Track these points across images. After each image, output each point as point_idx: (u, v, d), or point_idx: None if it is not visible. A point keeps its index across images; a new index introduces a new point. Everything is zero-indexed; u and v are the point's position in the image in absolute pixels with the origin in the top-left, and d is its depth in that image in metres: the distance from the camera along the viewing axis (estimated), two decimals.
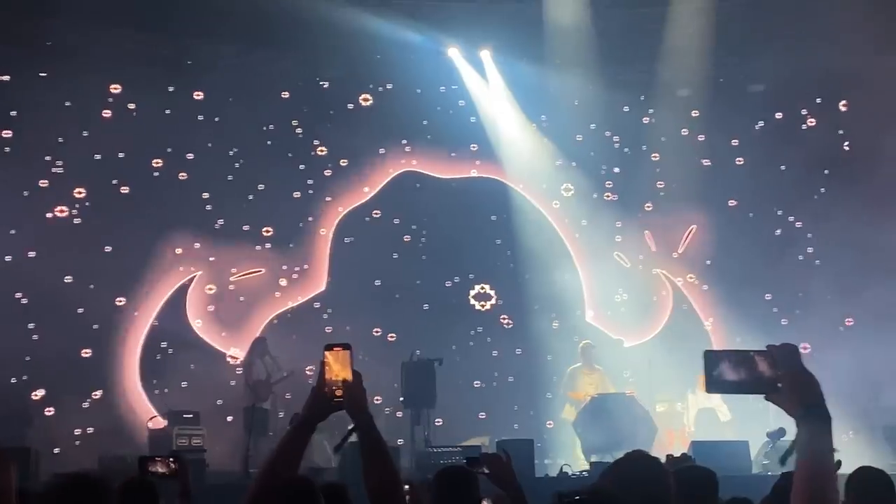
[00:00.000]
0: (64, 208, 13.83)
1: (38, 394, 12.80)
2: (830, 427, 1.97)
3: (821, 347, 12.73)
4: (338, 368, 2.55)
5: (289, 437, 2.75)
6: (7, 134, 13.32)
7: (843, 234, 13.42)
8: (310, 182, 14.74)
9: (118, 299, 13.72)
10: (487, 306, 15.02)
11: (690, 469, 4.00)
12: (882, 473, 3.98)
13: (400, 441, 11.74)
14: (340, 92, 14.89)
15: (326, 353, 2.58)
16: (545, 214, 15.23)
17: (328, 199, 14.81)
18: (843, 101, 14.29)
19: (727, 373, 2.12)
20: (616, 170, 15.28)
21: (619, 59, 14.51)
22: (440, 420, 12.60)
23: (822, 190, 14.45)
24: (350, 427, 2.62)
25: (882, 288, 12.52)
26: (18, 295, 12.84)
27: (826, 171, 14.39)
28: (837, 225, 13.54)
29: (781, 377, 2.03)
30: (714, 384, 2.11)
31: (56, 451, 11.89)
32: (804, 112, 14.93)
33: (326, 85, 14.79)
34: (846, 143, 14.02)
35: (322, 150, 14.93)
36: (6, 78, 13.41)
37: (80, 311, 13.10)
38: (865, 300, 12.85)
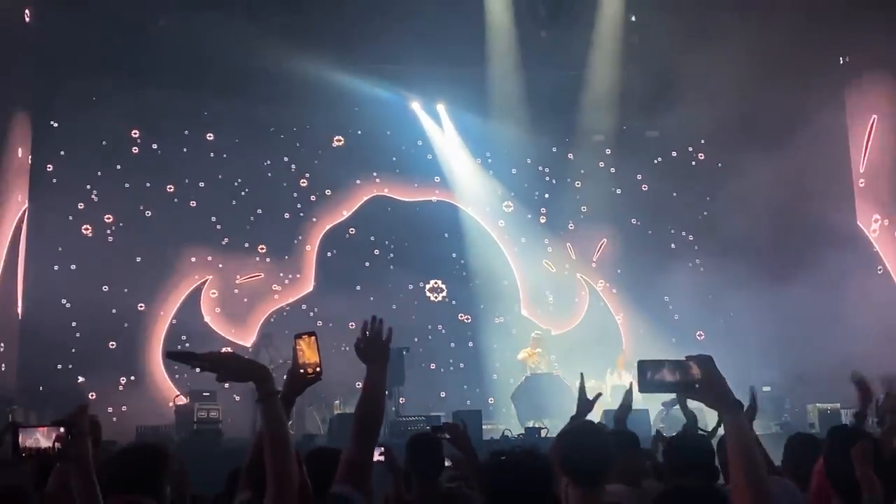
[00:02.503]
0: (100, 228, 14.73)
1: (81, 379, 13.73)
2: (742, 410, 2.22)
3: (710, 336, 14.80)
4: (308, 352, 2.61)
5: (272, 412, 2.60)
6: (53, 167, 14.34)
7: (722, 247, 14.74)
8: (299, 206, 15.64)
9: (143, 303, 14.62)
10: (439, 298, 15.91)
11: (684, 438, 3.89)
12: (812, 437, 4.11)
13: None
14: (324, 135, 15.77)
15: (297, 340, 2.63)
16: (490, 232, 16.22)
17: (314, 219, 15.74)
18: (722, 141, 15.36)
19: (655, 377, 2.23)
20: (546, 196, 16.44)
21: (547, 110, 15.44)
22: (406, 398, 13.26)
23: (704, 213, 15.70)
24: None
25: (749, 289, 13.70)
26: (64, 301, 13.62)
27: (708, 197, 15.51)
28: (718, 238, 14.92)
29: (701, 381, 2.17)
30: (646, 385, 2.23)
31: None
32: (691, 149, 16.28)
33: (313, 129, 15.73)
34: (724, 172, 15.04)
35: (308, 181, 15.96)
36: (55, 124, 14.29)
37: (114, 311, 14.05)
38: (739, 298, 13.90)
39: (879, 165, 14.47)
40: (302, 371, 2.68)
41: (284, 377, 2.84)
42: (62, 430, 2.89)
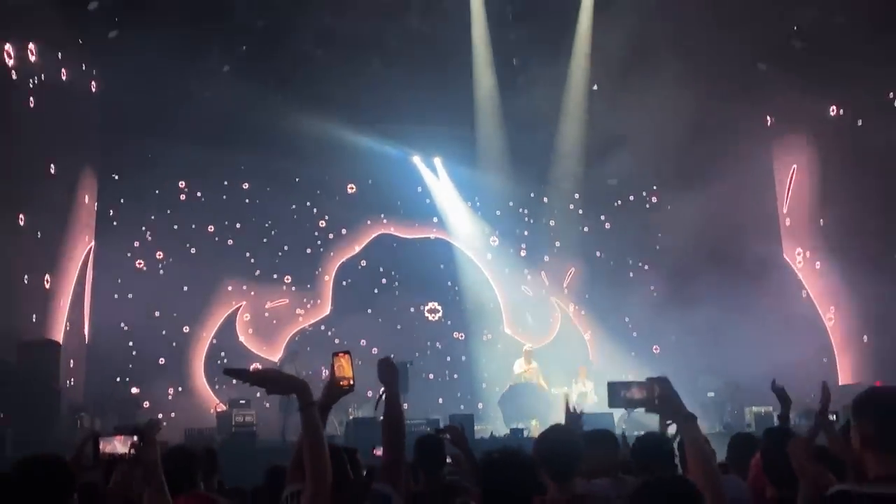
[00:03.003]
0: (153, 263, 15.06)
1: (136, 390, 13.97)
2: (697, 422, 2.30)
3: (664, 350, 15.15)
4: (345, 368, 2.65)
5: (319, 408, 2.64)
6: (114, 213, 14.69)
7: (672, 274, 15.13)
8: (318, 243, 15.98)
9: (188, 325, 14.82)
10: (436, 318, 16.04)
11: (649, 438, 3.76)
12: (750, 436, 4.01)
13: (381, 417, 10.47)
14: (340, 183, 16.17)
15: (335, 357, 2.66)
16: (478, 263, 16.55)
17: (331, 254, 16.01)
18: (671, 186, 15.79)
19: (625, 395, 2.32)
20: (525, 233, 16.87)
21: (525, 162, 15.88)
22: (410, 404, 12.89)
23: (657, 247, 16.06)
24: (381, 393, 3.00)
25: (695, 311, 13.84)
26: (122, 325, 13.89)
27: (659, 234, 15.92)
28: (669, 267, 15.30)
29: (659, 398, 2.25)
30: (617, 402, 2.32)
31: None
32: (644, 193, 16.63)
33: (330, 179, 16.14)
34: (673, 212, 15.34)
35: (326, 222, 16.43)
36: (116, 177, 14.75)
37: (164, 333, 14.28)
38: (686, 318, 14.04)
39: (799, 207, 15.03)
40: (339, 384, 2.69)
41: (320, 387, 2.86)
42: (135, 438, 2.88)
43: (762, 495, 3.40)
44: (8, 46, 10.76)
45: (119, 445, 2.97)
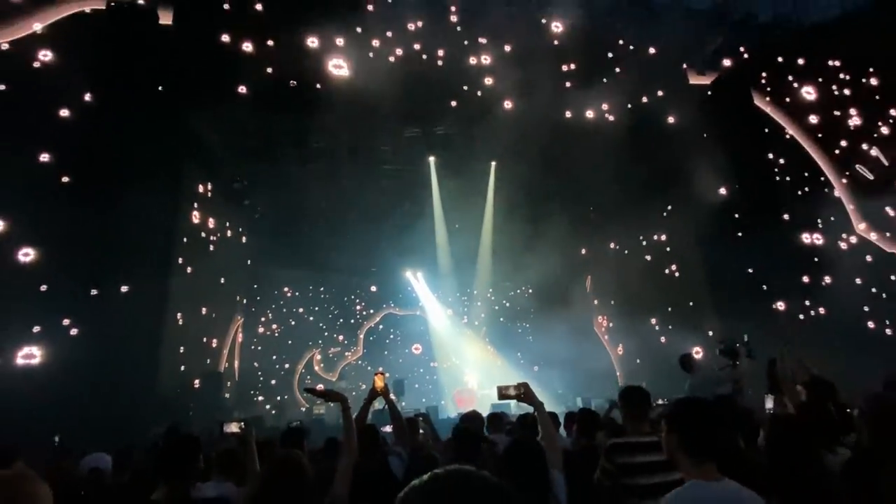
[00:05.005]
0: (271, 331, 15.50)
1: (261, 398, 14.94)
2: (544, 406, 2.54)
3: (541, 369, 14.63)
4: (381, 379, 2.98)
5: (363, 407, 2.99)
6: (254, 309, 15.24)
7: (538, 330, 15.01)
8: (358, 318, 17.15)
9: (289, 364, 15.47)
10: (419, 352, 16.49)
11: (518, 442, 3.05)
12: (640, 388, 3.11)
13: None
14: (368, 286, 17.15)
15: (376, 375, 2.97)
16: (440, 325, 16.85)
17: (364, 323, 17.29)
18: (538, 290, 16.26)
19: (507, 392, 2.53)
20: (465, 309, 17.50)
21: (464, 272, 16.05)
22: (405, 402, 13.07)
23: (532, 314, 16.70)
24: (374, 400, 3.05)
25: (550, 353, 14.16)
26: (255, 364, 15.04)
27: (531, 318, 16.51)
28: (539, 328, 15.35)
29: (524, 393, 2.52)
30: (502, 396, 2.60)
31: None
32: (521, 290, 17.20)
33: (360, 284, 16.95)
34: (539, 306, 15.92)
35: (362, 307, 17.22)
36: (258, 297, 15.22)
37: (277, 366, 15.49)
38: (546, 352, 14.20)
39: (601, 294, 16.54)
40: (376, 387, 2.85)
41: (363, 398, 2.96)
42: (242, 424, 2.88)
43: (578, 442, 3.57)
44: (195, 215, 11.05)
45: (234, 427, 2.94)
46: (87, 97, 8.67)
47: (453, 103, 10.22)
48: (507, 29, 10.82)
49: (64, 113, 8.41)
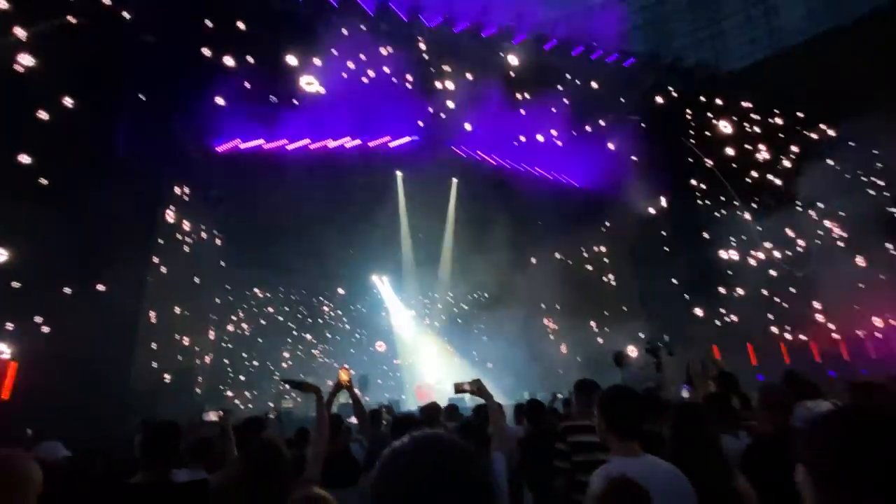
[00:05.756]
0: (243, 330, 15.90)
1: (230, 393, 14.64)
2: (493, 398, 2.51)
3: (495, 366, 14.78)
4: (346, 373, 3.06)
5: (327, 399, 2.93)
6: (226, 305, 15.95)
7: (495, 331, 15.57)
8: (326, 317, 17.20)
9: (258, 362, 15.82)
10: (383, 349, 16.19)
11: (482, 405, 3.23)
12: (592, 380, 3.17)
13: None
14: (333, 287, 16.88)
15: (340, 370, 3.08)
16: (403, 324, 16.78)
17: (331, 322, 17.28)
18: (497, 298, 15.82)
19: (463, 387, 2.51)
20: (427, 311, 17.29)
21: (426, 278, 16.40)
22: (370, 396, 13.28)
23: (482, 325, 16.95)
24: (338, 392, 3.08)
25: (506, 358, 14.73)
26: (225, 359, 15.24)
27: (481, 327, 16.97)
28: (499, 333, 15.07)
29: (478, 388, 2.52)
30: (457, 391, 2.61)
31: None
32: (475, 295, 16.99)
33: (325, 283, 16.87)
34: (503, 318, 15.13)
35: (330, 306, 16.96)
36: (228, 286, 15.45)
37: (246, 364, 15.47)
38: (501, 355, 14.79)
39: (548, 308, 16.81)
40: (340, 381, 2.94)
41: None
42: (221, 412, 2.94)
43: (529, 430, 3.70)
44: (170, 213, 10.70)
45: (213, 416, 3.00)
46: (67, 101, 8.03)
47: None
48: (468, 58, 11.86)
49: (43, 115, 7.83)
